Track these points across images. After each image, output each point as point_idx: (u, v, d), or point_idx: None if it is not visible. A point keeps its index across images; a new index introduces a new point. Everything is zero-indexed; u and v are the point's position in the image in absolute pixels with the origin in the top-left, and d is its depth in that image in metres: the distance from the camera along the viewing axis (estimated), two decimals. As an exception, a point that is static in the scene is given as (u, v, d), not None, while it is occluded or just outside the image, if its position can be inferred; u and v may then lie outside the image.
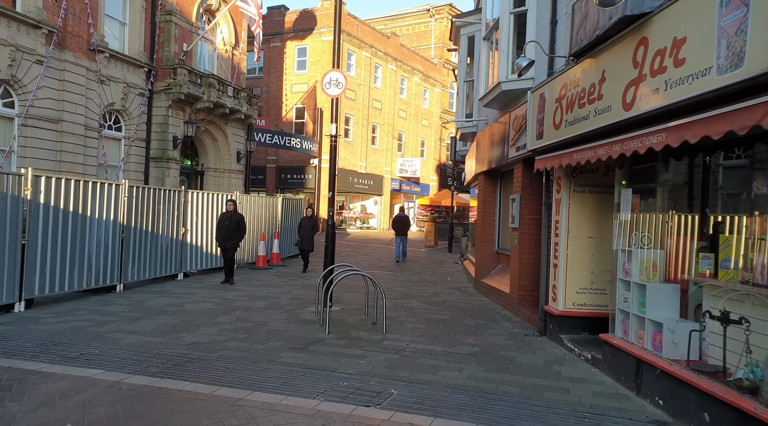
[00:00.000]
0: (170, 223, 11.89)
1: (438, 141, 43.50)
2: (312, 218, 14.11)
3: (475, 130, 12.74)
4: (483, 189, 11.26)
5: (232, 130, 24.62)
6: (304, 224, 14.00)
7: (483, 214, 11.26)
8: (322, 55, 31.96)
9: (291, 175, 33.03)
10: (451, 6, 43.12)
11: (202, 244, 13.07)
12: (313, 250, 14.17)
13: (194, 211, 12.76)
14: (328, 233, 9.13)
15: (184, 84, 20.58)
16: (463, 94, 13.02)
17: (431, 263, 17.95)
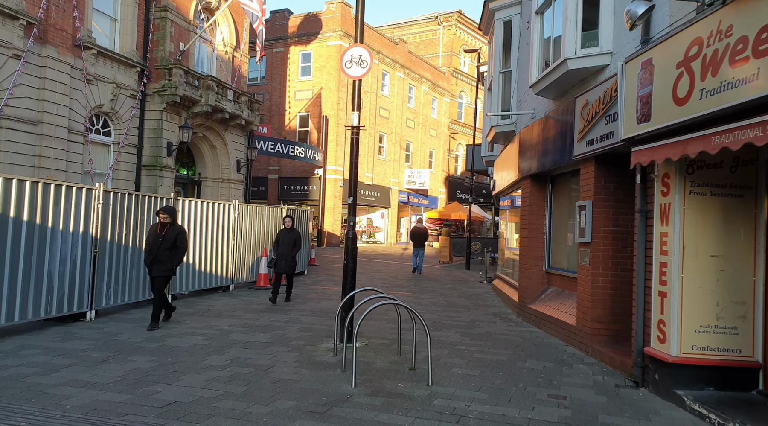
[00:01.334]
0: (156, 236, 10.03)
1: (446, 152, 41.81)
2: (293, 231, 10.99)
3: (513, 128, 10.95)
4: (529, 196, 9.42)
5: (231, 136, 22.90)
6: (282, 239, 10.85)
7: (529, 226, 9.41)
8: (328, 61, 30.37)
9: (294, 187, 31.25)
10: (460, 13, 41.75)
11: (195, 260, 11.21)
12: (294, 273, 11.09)
13: (186, 222, 10.92)
14: (348, 249, 7.27)
15: (179, 85, 18.89)
16: (498, 88, 11.26)
17: (452, 282, 16.06)
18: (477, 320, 9.42)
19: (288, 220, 11.07)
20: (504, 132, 11.21)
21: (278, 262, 10.78)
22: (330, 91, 30.31)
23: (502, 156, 12.56)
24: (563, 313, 7.90)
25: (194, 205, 11.22)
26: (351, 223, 7.31)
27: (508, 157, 11.45)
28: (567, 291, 8.40)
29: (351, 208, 7.36)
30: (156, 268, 7.95)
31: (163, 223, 8.12)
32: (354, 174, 7.34)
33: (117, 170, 18.09)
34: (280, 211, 14.84)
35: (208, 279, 11.60)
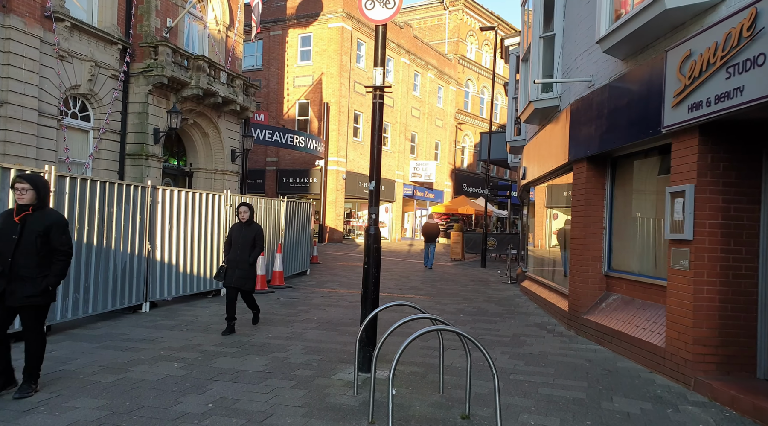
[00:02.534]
0: (130, 232, 8.31)
1: (452, 143, 40.05)
2: (251, 227, 7.55)
3: (556, 103, 9.21)
4: (584, 183, 7.70)
5: (225, 124, 21.12)
6: (235, 237, 7.47)
7: (584, 220, 7.69)
8: (329, 44, 28.55)
9: (293, 179, 29.50)
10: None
11: (179, 261, 9.48)
12: (254, 290, 7.66)
13: (167, 216, 9.18)
14: (370, 249, 5.53)
15: (167, 65, 17.10)
16: (537, 55, 9.50)
17: (472, 282, 14.35)
18: (520, 334, 7.71)
19: (244, 211, 7.53)
20: (545, 108, 9.47)
21: (228, 271, 7.31)
22: (331, 76, 28.50)
23: (537, 139, 10.82)
24: (640, 328, 6.20)
25: (177, 195, 9.48)
26: (373, 216, 5.57)
27: (548, 139, 9.72)
28: (639, 300, 6.69)
29: (373, 197, 5.62)
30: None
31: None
32: (377, 151, 5.61)
33: (97, 159, 16.34)
34: (279, 204, 13.11)
35: (194, 282, 9.88)
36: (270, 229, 12.56)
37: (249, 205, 7.65)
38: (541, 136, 10.35)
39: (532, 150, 11.28)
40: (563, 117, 8.65)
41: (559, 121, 8.95)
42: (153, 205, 8.87)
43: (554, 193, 10.21)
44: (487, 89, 44.03)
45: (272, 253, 12.61)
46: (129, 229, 8.29)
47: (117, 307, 8.05)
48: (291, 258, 13.71)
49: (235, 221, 7.83)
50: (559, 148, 8.80)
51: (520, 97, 11.70)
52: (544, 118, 10.29)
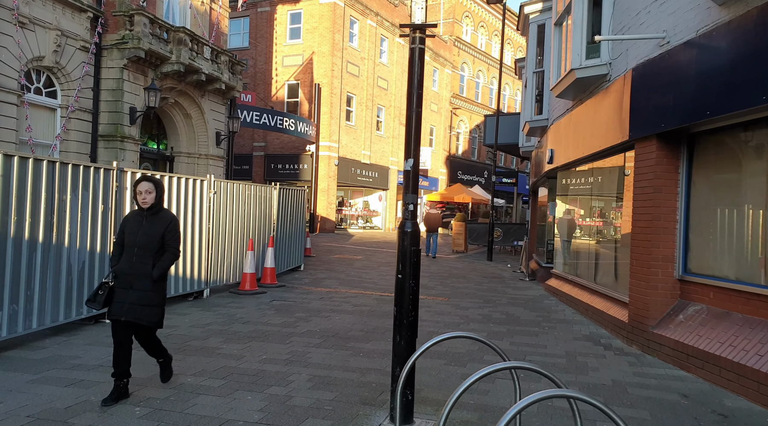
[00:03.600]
0: (90, 225, 6.71)
1: (447, 129, 38.51)
2: (160, 217, 4.51)
3: (604, 71, 7.72)
4: (654, 166, 6.24)
5: (209, 104, 19.37)
6: (130, 234, 4.40)
7: (654, 210, 6.24)
8: (320, 21, 26.74)
9: (282, 165, 27.80)
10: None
11: (151, 259, 7.87)
12: (160, 324, 4.50)
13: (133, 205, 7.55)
14: (407, 253, 3.99)
15: (143, 37, 15.31)
16: (581, 14, 7.97)
17: (486, 279, 12.94)
18: (574, 353, 6.28)
19: (147, 190, 4.44)
20: (588, 78, 7.98)
21: (116, 293, 4.30)
22: (323, 55, 26.74)
23: (571, 117, 9.34)
24: (751, 355, 4.79)
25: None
26: (410, 207, 4.03)
27: (589, 115, 8.23)
28: (738, 314, 5.28)
29: (409, 180, 4.07)
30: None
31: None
32: (415, 118, 4.07)
33: (66, 141, 14.56)
34: (271, 192, 11.51)
35: (172, 283, 8.29)
36: (261, 220, 10.99)
37: (154, 181, 4.50)
38: (579, 113, 8.86)
39: (564, 130, 9.81)
40: (617, 87, 7.16)
41: (609, 92, 7.46)
42: (120, 191, 7.26)
43: (596, 179, 8.76)
44: (483, 73, 42.49)
45: (263, 247, 11.05)
46: (89, 221, 6.69)
47: (73, 318, 6.47)
48: (284, 252, 12.16)
49: (134, 208, 5.12)
50: (610, 125, 7.32)
51: (550, 68, 10.18)
52: (582, 91, 8.79)
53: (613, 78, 7.52)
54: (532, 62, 12.08)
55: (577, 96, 9.07)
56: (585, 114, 8.53)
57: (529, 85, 12.15)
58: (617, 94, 7.17)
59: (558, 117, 10.50)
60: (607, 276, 8.05)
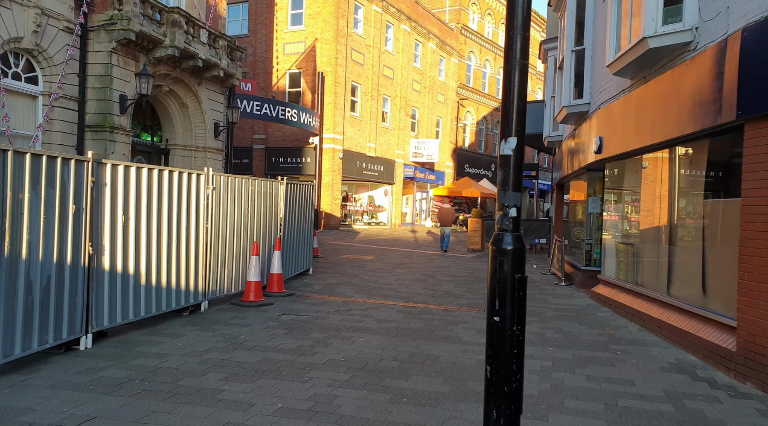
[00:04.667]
0: (57, 231, 5.37)
1: (454, 120, 37.13)
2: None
3: (689, 38, 6.37)
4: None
5: (207, 93, 17.99)
6: None
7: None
8: (323, 6, 25.29)
9: (284, 159, 26.43)
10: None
11: (140, 268, 6.57)
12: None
13: (120, 203, 6.24)
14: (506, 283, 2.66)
15: (134, 18, 13.91)
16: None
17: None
18: (674, 393, 4.96)
19: None
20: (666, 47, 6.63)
21: None
22: (327, 42, 25.30)
23: (631, 98, 7.99)
24: None
25: (134, 174, 6.52)
26: (511, 212, 2.71)
27: (665, 94, 6.89)
28: None
29: (509, 170, 2.77)
30: None
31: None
32: (518, 73, 2.75)
33: (49, 131, 13.18)
34: (278, 187, 10.16)
35: (163, 297, 6.97)
36: (266, 220, 9.65)
37: None
38: (644, 93, 7.52)
39: (619, 114, 8.46)
40: (711, 56, 5.82)
41: (696, 64, 6.13)
42: (97, 188, 5.92)
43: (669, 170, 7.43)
44: (490, 63, 41.07)
45: (269, 250, 9.72)
46: (55, 225, 5.35)
47: (35, 349, 5.15)
48: (291, 255, 10.84)
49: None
50: (698, 104, 5.98)
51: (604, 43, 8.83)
52: (647, 67, 7.44)
53: (702, 46, 6.17)
54: (571, 40, 10.72)
55: (640, 73, 7.72)
56: (654, 93, 7.18)
57: (567, 66, 10.80)
58: (711, 65, 5.83)
59: (606, 100, 9.16)
60: (688, 287, 6.74)
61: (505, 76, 2.79)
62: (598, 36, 9.83)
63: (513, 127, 2.72)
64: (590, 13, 10.38)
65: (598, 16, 9.88)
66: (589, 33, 10.38)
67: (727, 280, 5.77)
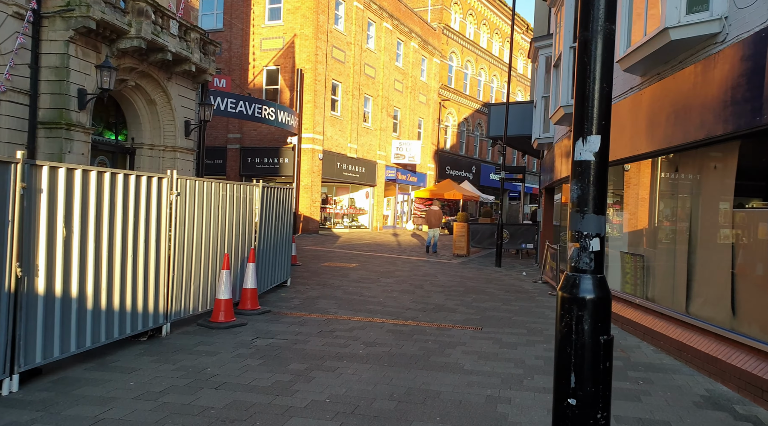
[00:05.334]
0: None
1: (436, 122, 36.42)
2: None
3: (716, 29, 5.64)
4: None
5: (177, 89, 16.86)
6: None
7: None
8: (303, 1, 24.27)
9: (260, 159, 25.32)
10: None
11: (86, 289, 5.54)
12: None
13: (60, 214, 5.22)
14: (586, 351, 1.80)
15: (94, 4, 12.76)
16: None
17: (509, 294, 10.84)
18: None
19: None
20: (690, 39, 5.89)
21: None
22: (306, 38, 24.29)
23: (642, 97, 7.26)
24: None
25: (78, 179, 5.48)
26: (593, 241, 1.84)
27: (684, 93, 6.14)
28: None
29: (589, 181, 1.90)
30: None
31: None
32: (601, 45, 1.88)
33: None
34: (253, 191, 9.16)
35: (115, 322, 5.94)
36: (239, 228, 8.65)
37: None
38: (658, 92, 6.78)
39: (627, 114, 7.72)
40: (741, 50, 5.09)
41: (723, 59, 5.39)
42: (30, 195, 4.88)
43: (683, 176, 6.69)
44: (471, 64, 40.50)
45: (242, 262, 8.73)
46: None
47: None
48: (268, 266, 9.85)
49: None
50: (738, 102, 5.24)
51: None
52: (661, 63, 6.71)
53: (734, 37, 5.42)
54: (569, 35, 9.98)
55: (654, 69, 6.99)
56: (671, 92, 6.43)
57: (565, 64, 10.05)
58: (748, 59, 5.08)
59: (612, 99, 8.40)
60: (713, 306, 5.98)
61: (581, 47, 1.93)
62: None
63: (594, 121, 1.87)
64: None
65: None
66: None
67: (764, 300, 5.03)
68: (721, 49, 5.65)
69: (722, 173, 6.05)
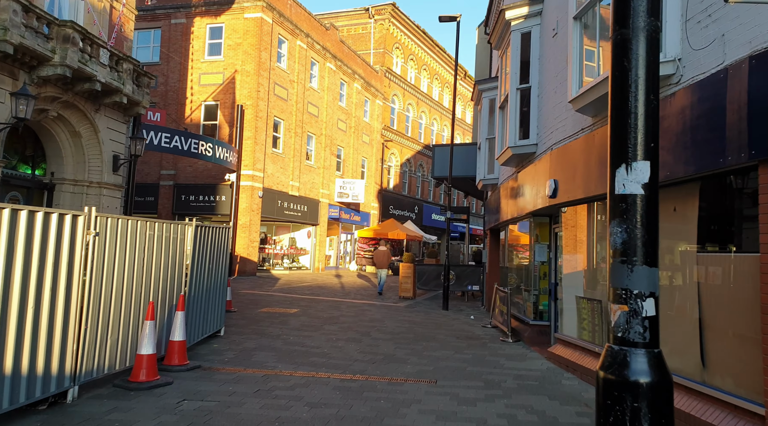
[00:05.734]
0: None
1: (379, 162, 36.44)
2: None
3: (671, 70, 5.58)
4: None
5: (106, 121, 15.78)
6: None
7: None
8: (245, 37, 23.86)
9: (195, 197, 24.11)
10: (394, 6, 36.95)
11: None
12: None
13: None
14: None
15: (13, 28, 11.78)
16: None
17: (461, 340, 10.35)
18: None
19: None
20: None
21: None
22: (247, 74, 23.75)
23: (594, 137, 7.15)
24: None
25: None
26: (645, 302, 1.36)
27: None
28: None
29: (635, 227, 1.44)
30: None
31: None
32: (645, 60, 1.45)
33: None
34: (185, 230, 8.32)
35: (5, 390, 4.92)
36: (168, 272, 7.75)
37: None
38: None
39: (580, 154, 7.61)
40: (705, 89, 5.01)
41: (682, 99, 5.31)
42: None
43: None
44: (413, 107, 41.23)
45: (170, 310, 7.79)
46: None
47: None
48: (199, 315, 8.90)
49: None
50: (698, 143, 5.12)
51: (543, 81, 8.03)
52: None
53: (689, 78, 5.37)
54: (516, 77, 10.00)
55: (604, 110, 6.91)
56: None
57: (512, 105, 10.02)
58: (705, 100, 5.00)
59: (561, 141, 8.34)
60: (681, 356, 5.70)
61: (618, 49, 1.53)
62: (548, 73, 9.14)
63: (641, 143, 1.44)
64: (536, 51, 9.74)
65: (547, 53, 9.22)
66: (535, 71, 9.70)
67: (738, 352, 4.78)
68: (676, 90, 5.59)
69: (682, 215, 5.92)
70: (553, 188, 8.30)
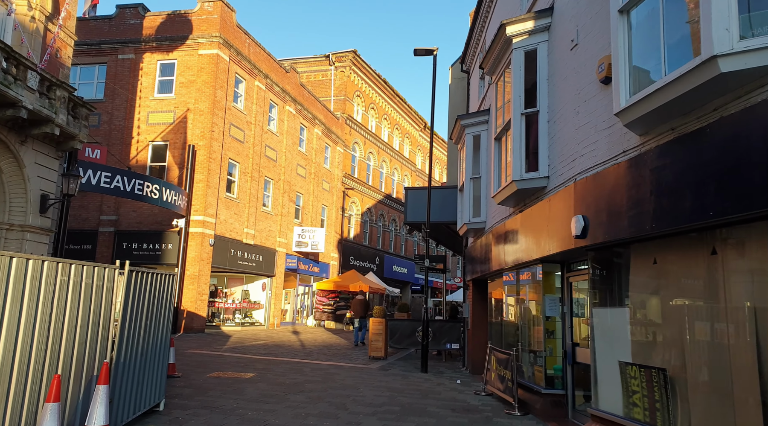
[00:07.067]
0: None
1: (339, 210, 34.88)
2: None
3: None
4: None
5: (33, 155, 13.68)
6: None
7: None
8: (199, 74, 22.34)
9: (139, 244, 21.67)
10: (355, 54, 36.57)
11: None
12: None
13: None
14: None
15: None
16: None
17: (456, 414, 8.56)
18: None
19: None
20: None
21: None
22: (201, 113, 22.06)
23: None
24: None
25: None
26: None
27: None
28: None
29: None
30: None
31: None
32: None
33: None
34: (114, 277, 6.37)
35: None
36: (90, 330, 5.75)
37: None
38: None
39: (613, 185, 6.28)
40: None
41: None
42: None
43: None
44: (373, 156, 40.35)
45: (89, 384, 5.74)
46: None
47: None
48: (131, 387, 6.81)
49: None
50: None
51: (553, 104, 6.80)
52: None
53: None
54: (519, 101, 8.81)
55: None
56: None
57: (516, 132, 8.75)
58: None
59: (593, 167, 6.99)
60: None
61: None
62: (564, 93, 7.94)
63: None
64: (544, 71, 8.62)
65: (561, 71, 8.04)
66: (544, 93, 8.54)
67: None
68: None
69: None
70: (583, 226, 6.85)
